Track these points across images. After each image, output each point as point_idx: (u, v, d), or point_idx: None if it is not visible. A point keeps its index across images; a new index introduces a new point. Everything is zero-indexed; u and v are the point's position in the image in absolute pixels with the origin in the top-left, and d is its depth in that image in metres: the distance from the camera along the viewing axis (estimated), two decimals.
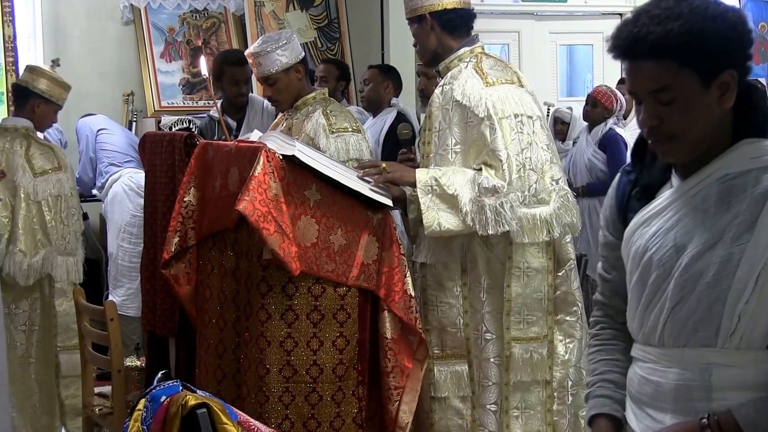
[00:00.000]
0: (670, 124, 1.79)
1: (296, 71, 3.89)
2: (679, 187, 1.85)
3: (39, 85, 4.53)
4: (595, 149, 6.29)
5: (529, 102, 3.14)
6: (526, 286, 3.07)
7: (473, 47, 3.28)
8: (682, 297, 1.80)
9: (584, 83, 8.27)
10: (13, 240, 4.33)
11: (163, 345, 3.70)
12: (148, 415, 2.02)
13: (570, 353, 3.14)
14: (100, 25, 7.18)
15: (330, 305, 2.97)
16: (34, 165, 4.43)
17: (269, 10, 7.34)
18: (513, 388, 3.09)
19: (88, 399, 3.96)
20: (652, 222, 1.86)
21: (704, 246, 1.78)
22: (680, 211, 1.83)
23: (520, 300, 3.07)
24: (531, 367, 3.09)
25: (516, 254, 3.06)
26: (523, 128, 3.07)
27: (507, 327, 3.08)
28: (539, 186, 3.05)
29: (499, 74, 3.17)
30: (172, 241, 3.21)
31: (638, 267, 1.88)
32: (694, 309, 1.78)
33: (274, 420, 2.92)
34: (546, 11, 7.83)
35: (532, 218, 3.02)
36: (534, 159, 3.06)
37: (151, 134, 3.99)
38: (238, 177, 2.98)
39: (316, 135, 3.71)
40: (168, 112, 6.96)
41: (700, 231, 1.79)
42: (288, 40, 3.88)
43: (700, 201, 1.81)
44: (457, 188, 3.02)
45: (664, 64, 1.75)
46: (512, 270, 3.07)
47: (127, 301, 5.77)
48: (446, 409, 3.19)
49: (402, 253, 3.07)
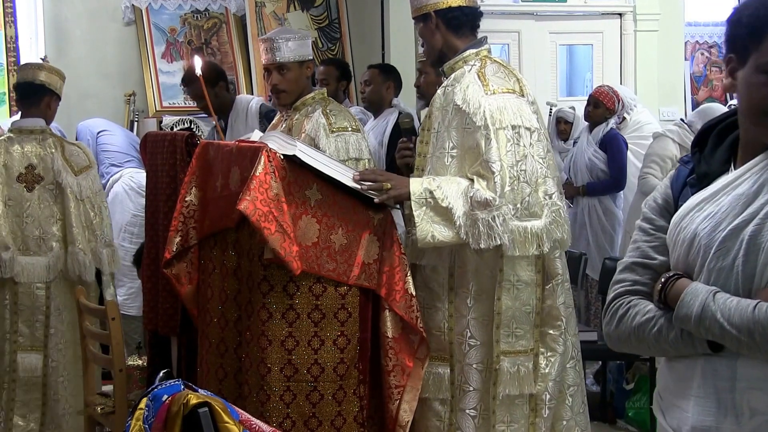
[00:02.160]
0: None
1: (307, 67, 3.91)
2: (734, 174, 1.85)
3: (52, 81, 4.54)
4: (596, 149, 6.29)
5: (527, 113, 3.09)
6: (515, 299, 3.05)
7: (479, 50, 3.24)
8: (714, 280, 1.80)
9: (584, 83, 8.27)
10: (72, 240, 4.40)
11: (165, 344, 3.71)
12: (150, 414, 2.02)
13: (551, 367, 3.10)
14: (101, 26, 7.19)
15: (331, 304, 2.98)
16: (72, 164, 4.48)
17: (270, 11, 7.35)
18: (500, 402, 3.06)
19: (90, 398, 3.97)
20: (704, 207, 1.86)
21: (738, 225, 1.78)
22: (732, 195, 1.82)
23: (509, 313, 3.04)
24: (518, 381, 3.06)
25: (506, 267, 3.04)
26: (519, 140, 3.03)
27: (497, 340, 3.05)
28: (532, 199, 3.02)
29: (501, 82, 3.13)
30: (174, 240, 3.22)
31: (687, 253, 1.87)
32: (727, 291, 1.78)
33: (276, 419, 2.93)
34: (546, 11, 7.83)
35: (524, 231, 2.99)
36: (528, 172, 3.02)
37: (153, 134, 4.01)
38: (240, 177, 2.99)
39: (316, 134, 3.71)
40: (169, 113, 6.97)
41: (744, 210, 1.79)
42: (304, 37, 3.93)
43: (752, 182, 1.81)
44: (451, 201, 2.98)
45: None
46: (503, 282, 3.04)
47: (128, 300, 5.79)
48: (426, 410, 3.17)
49: (403, 252, 3.07)
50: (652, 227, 1.98)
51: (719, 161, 1.90)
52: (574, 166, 6.40)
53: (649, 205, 2.01)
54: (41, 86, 4.51)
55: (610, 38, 7.86)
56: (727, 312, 1.74)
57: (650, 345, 1.91)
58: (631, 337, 1.93)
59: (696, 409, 1.85)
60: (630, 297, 1.95)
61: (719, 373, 1.81)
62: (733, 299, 1.76)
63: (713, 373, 1.82)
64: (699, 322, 1.78)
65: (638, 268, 1.97)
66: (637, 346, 1.95)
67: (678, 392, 1.90)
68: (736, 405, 1.79)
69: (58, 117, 6.65)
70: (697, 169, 1.94)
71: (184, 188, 3.25)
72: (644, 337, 1.90)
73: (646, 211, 2.01)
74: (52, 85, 4.53)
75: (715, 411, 1.82)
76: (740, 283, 1.77)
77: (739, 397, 1.79)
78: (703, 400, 1.84)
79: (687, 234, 1.87)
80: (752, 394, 1.78)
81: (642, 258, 1.97)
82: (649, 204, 2.01)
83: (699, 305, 1.78)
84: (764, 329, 1.70)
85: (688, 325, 1.81)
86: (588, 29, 7.93)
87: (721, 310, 1.75)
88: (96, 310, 3.92)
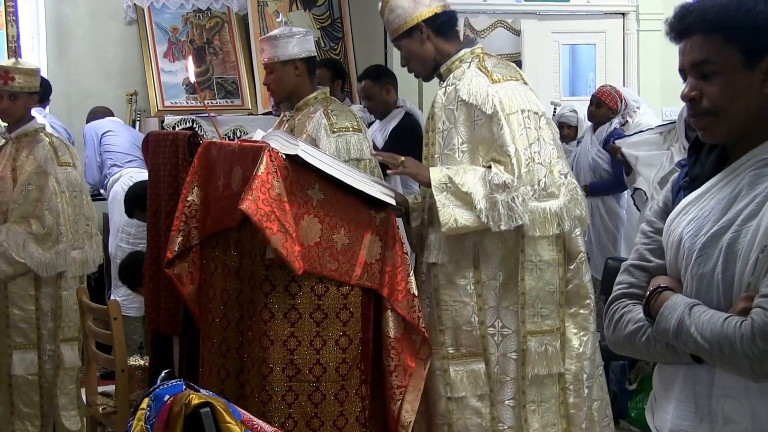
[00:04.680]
0: (708, 99, 1.80)
1: (294, 67, 3.87)
2: (719, 176, 1.85)
3: (26, 83, 4.45)
4: (599, 149, 6.28)
5: (534, 98, 3.17)
6: (539, 279, 3.08)
7: (473, 48, 3.31)
8: (697, 286, 1.80)
9: (586, 83, 8.27)
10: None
11: (167, 344, 3.71)
12: (152, 414, 2.02)
13: (584, 346, 3.16)
14: (103, 25, 7.20)
15: (333, 304, 2.98)
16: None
17: (272, 10, 7.35)
18: (530, 382, 3.10)
19: (92, 398, 3.97)
20: (689, 210, 1.86)
21: (716, 232, 1.77)
22: (714, 198, 1.82)
23: (534, 293, 3.08)
24: (546, 360, 3.10)
25: (528, 247, 3.08)
26: (530, 123, 3.09)
27: (522, 320, 3.09)
28: (548, 180, 3.07)
29: (503, 71, 3.20)
30: (176, 240, 3.22)
31: (676, 257, 1.88)
32: (709, 299, 1.79)
33: (278, 419, 2.93)
34: (548, 11, 7.83)
35: (543, 212, 3.04)
36: (542, 153, 3.08)
37: (155, 133, 3.99)
38: (242, 176, 2.99)
39: (317, 134, 3.71)
40: (171, 112, 6.97)
41: (723, 215, 1.78)
42: (301, 35, 3.90)
43: (733, 187, 1.80)
44: (470, 186, 3.03)
45: (710, 37, 1.78)
46: (525, 263, 3.08)
47: (127, 301, 5.78)
48: (464, 409, 3.17)
49: (405, 252, 3.07)
50: (651, 230, 1.99)
51: (712, 164, 1.90)
52: (577, 165, 6.39)
53: (653, 207, 2.03)
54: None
55: (613, 38, 7.86)
56: (701, 326, 1.75)
57: (642, 352, 1.93)
58: (625, 343, 1.95)
59: (675, 413, 1.87)
60: (626, 301, 1.97)
61: (699, 379, 1.83)
62: (708, 312, 1.75)
63: (693, 379, 1.84)
64: (676, 336, 1.79)
65: (635, 271, 1.98)
66: (631, 351, 1.97)
67: (663, 394, 1.93)
68: (711, 411, 1.81)
69: (60, 116, 6.69)
70: (689, 171, 1.95)
71: (186, 188, 3.25)
72: (636, 344, 1.92)
73: (649, 213, 2.03)
74: (26, 88, 4.43)
75: (692, 416, 1.84)
76: (721, 291, 1.77)
77: (714, 403, 1.80)
78: (683, 404, 1.86)
79: (674, 238, 1.88)
80: (727, 402, 1.79)
81: (639, 260, 1.99)
82: (652, 206, 2.03)
83: (676, 319, 1.79)
84: (732, 344, 1.70)
85: (667, 338, 1.82)
86: (591, 29, 7.92)
87: (695, 324, 1.75)
88: (98, 309, 3.92)
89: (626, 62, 7.86)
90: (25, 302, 4.34)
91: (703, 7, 1.79)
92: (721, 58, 1.77)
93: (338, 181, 2.97)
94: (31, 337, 4.36)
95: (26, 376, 4.35)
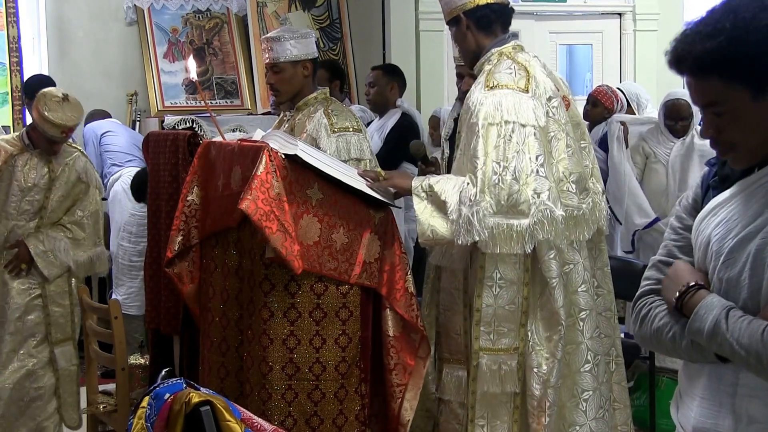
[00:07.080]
0: (726, 135, 1.78)
1: (303, 67, 3.88)
2: (749, 179, 1.82)
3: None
4: (596, 148, 6.28)
5: (526, 110, 2.99)
6: (498, 297, 2.98)
7: (502, 48, 3.18)
8: (724, 289, 1.79)
9: (584, 83, 8.27)
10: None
11: (167, 343, 3.72)
12: (152, 412, 2.03)
13: (549, 374, 3.00)
14: (103, 26, 7.21)
15: (332, 303, 2.99)
16: None
17: (271, 11, 7.36)
18: (479, 398, 3.03)
19: (93, 396, 3.98)
20: (718, 212, 1.84)
21: (745, 236, 1.76)
22: (744, 202, 1.80)
23: (491, 311, 2.98)
24: (499, 379, 3.02)
25: (488, 264, 2.98)
26: (512, 136, 2.95)
27: (476, 336, 3.01)
28: (520, 197, 2.91)
29: (506, 78, 3.06)
30: (176, 239, 3.23)
31: (704, 257, 1.86)
32: (735, 303, 1.78)
33: (277, 417, 2.94)
34: (545, 11, 7.84)
35: (508, 228, 2.91)
36: (519, 168, 2.92)
37: (155, 133, 4.00)
38: (241, 176, 3.00)
39: (317, 134, 3.71)
40: (171, 112, 6.98)
41: (752, 221, 1.77)
42: (304, 36, 3.90)
43: (763, 192, 1.79)
44: (447, 195, 2.95)
45: (710, 82, 1.75)
46: (484, 280, 2.98)
47: (128, 300, 5.80)
48: (449, 413, 3.17)
49: (403, 251, 3.08)
50: (681, 226, 1.97)
51: None
52: None
53: (682, 203, 2.00)
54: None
55: (610, 38, 7.88)
56: (738, 332, 1.72)
57: (668, 348, 1.91)
58: (652, 339, 1.94)
59: (699, 410, 1.87)
60: (653, 297, 1.95)
61: (724, 378, 1.82)
62: (746, 319, 1.73)
63: (718, 377, 1.83)
64: (710, 338, 1.77)
65: (664, 267, 1.96)
66: (657, 347, 1.96)
67: (688, 391, 1.92)
68: (735, 410, 1.80)
69: None
70: (719, 170, 1.92)
71: (185, 187, 3.26)
72: (662, 340, 1.91)
73: (679, 209, 2.00)
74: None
75: (716, 414, 1.84)
76: (747, 296, 1.76)
77: (739, 402, 1.80)
78: (707, 402, 1.85)
79: (703, 238, 1.86)
80: (751, 401, 1.78)
81: (668, 257, 1.97)
82: (682, 202, 2.00)
83: (712, 321, 1.76)
84: None
85: (699, 338, 1.80)
86: (587, 29, 7.94)
87: (731, 329, 1.73)
88: (99, 308, 3.94)
89: (623, 62, 7.87)
90: (62, 299, 4.46)
91: (697, 53, 1.74)
92: (728, 97, 1.74)
93: (337, 180, 2.99)
94: (67, 331, 4.47)
95: (69, 367, 4.48)
